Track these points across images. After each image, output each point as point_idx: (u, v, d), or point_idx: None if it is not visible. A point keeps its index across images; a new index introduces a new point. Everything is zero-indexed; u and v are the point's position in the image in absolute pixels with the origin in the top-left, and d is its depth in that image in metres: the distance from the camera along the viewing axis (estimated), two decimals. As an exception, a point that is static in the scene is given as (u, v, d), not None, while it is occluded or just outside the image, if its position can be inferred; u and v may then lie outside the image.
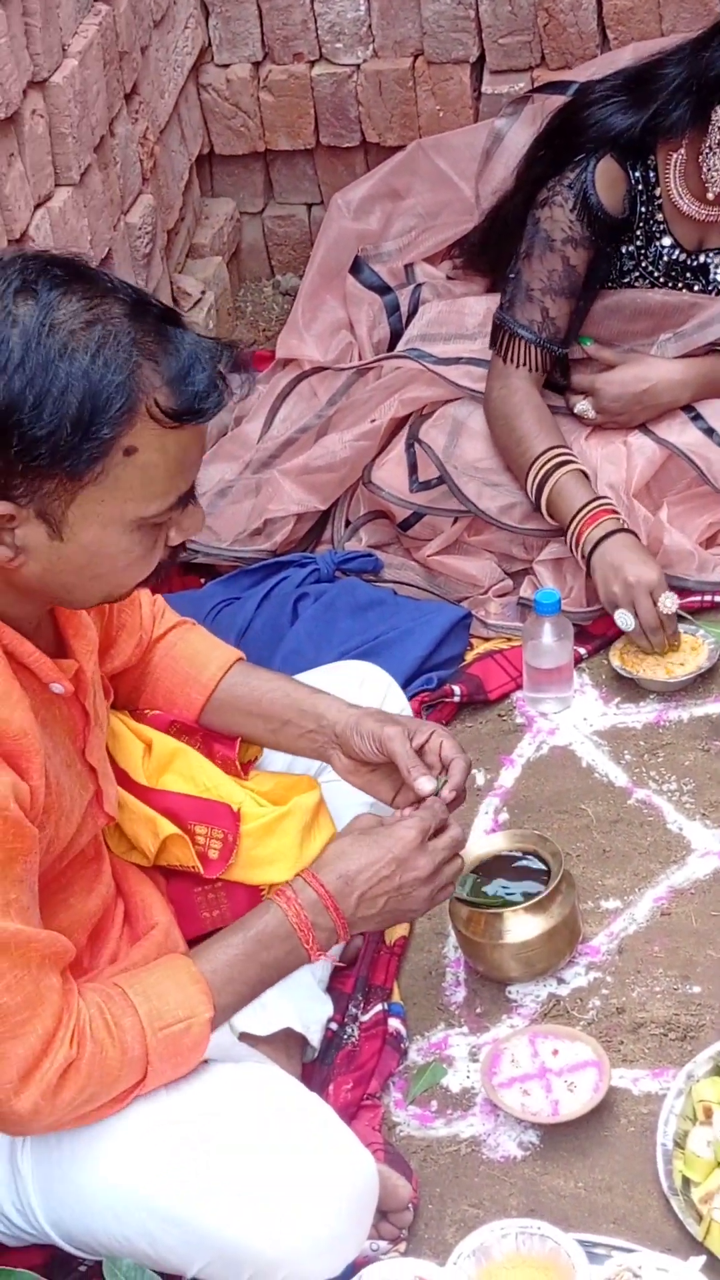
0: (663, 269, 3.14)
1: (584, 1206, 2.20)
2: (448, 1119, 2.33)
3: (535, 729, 2.91)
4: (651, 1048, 2.37)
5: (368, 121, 3.85)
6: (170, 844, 2.19)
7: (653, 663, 2.93)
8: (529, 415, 3.05)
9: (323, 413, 3.33)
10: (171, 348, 1.72)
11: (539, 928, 2.41)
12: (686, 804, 2.72)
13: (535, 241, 3.08)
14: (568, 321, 3.10)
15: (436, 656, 2.97)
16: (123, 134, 3.32)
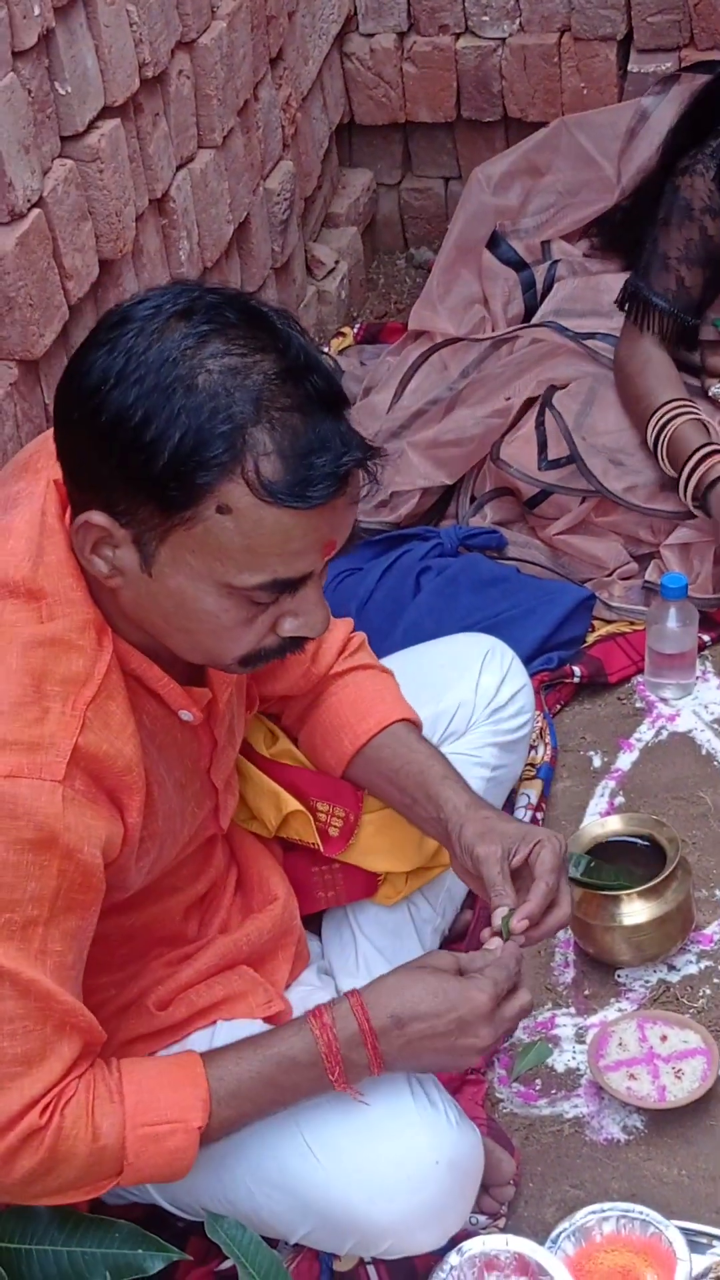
0: None
1: (686, 1194, 2.18)
2: (552, 1099, 2.31)
3: (655, 714, 2.88)
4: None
5: (510, 96, 3.82)
6: (292, 819, 2.16)
7: None
8: (654, 371, 3.05)
9: (454, 385, 3.32)
10: (305, 424, 1.61)
11: (652, 913, 2.39)
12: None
13: (674, 209, 3.06)
14: (702, 291, 3.07)
15: (558, 636, 2.94)
16: (266, 99, 3.32)
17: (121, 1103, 1.75)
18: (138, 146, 2.74)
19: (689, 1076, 2.26)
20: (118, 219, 2.63)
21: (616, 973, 2.46)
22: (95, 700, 1.71)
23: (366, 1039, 1.83)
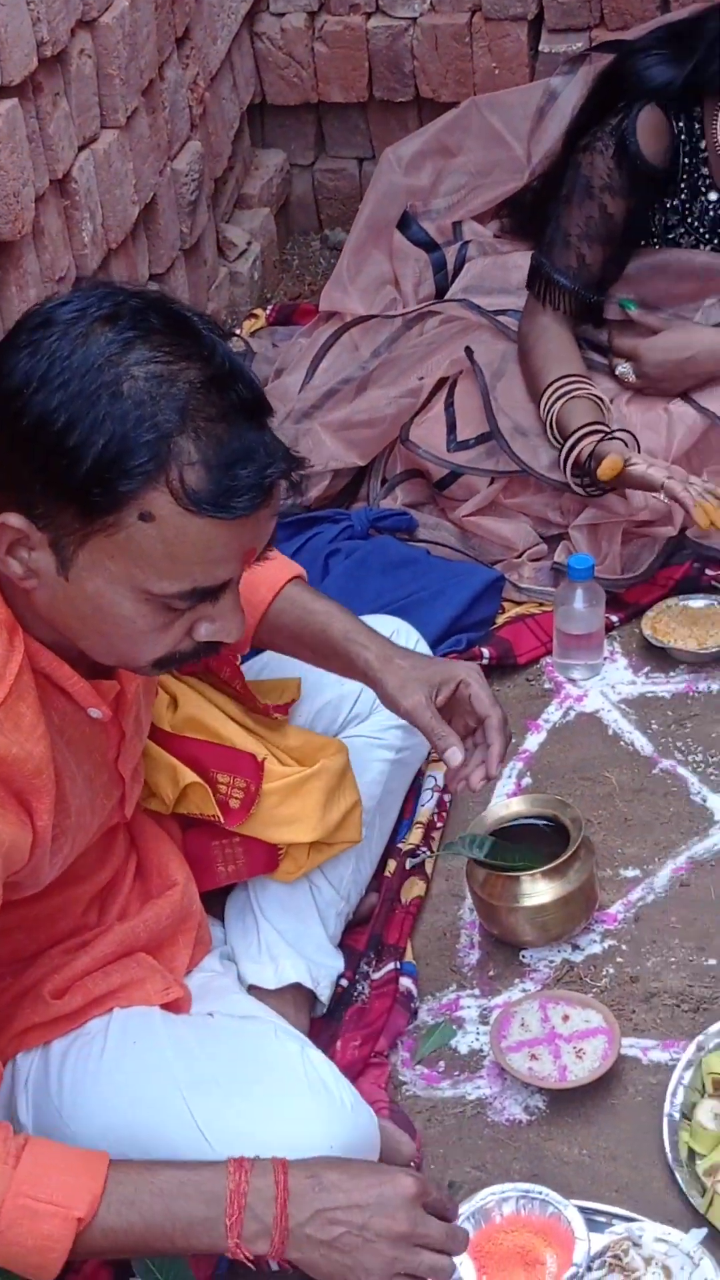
0: (708, 225, 3.10)
1: (587, 1174, 2.18)
2: (454, 1080, 2.31)
3: (563, 695, 2.88)
4: (663, 1018, 2.35)
5: (422, 76, 3.81)
6: (190, 792, 2.16)
7: (684, 633, 2.89)
8: (549, 346, 3.07)
9: (366, 365, 3.31)
10: (228, 434, 1.61)
11: (555, 892, 2.39)
12: (712, 776, 2.69)
13: (575, 187, 3.07)
14: (603, 268, 3.09)
15: (467, 618, 2.94)
16: (172, 79, 3.29)
17: (14, 1167, 1.68)
18: (37, 126, 2.72)
19: (590, 1056, 2.27)
20: (15, 200, 2.60)
21: (521, 953, 2.46)
22: (5, 702, 1.70)
23: (280, 1194, 1.73)
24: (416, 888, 2.54)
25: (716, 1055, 2.23)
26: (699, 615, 2.93)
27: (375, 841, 2.48)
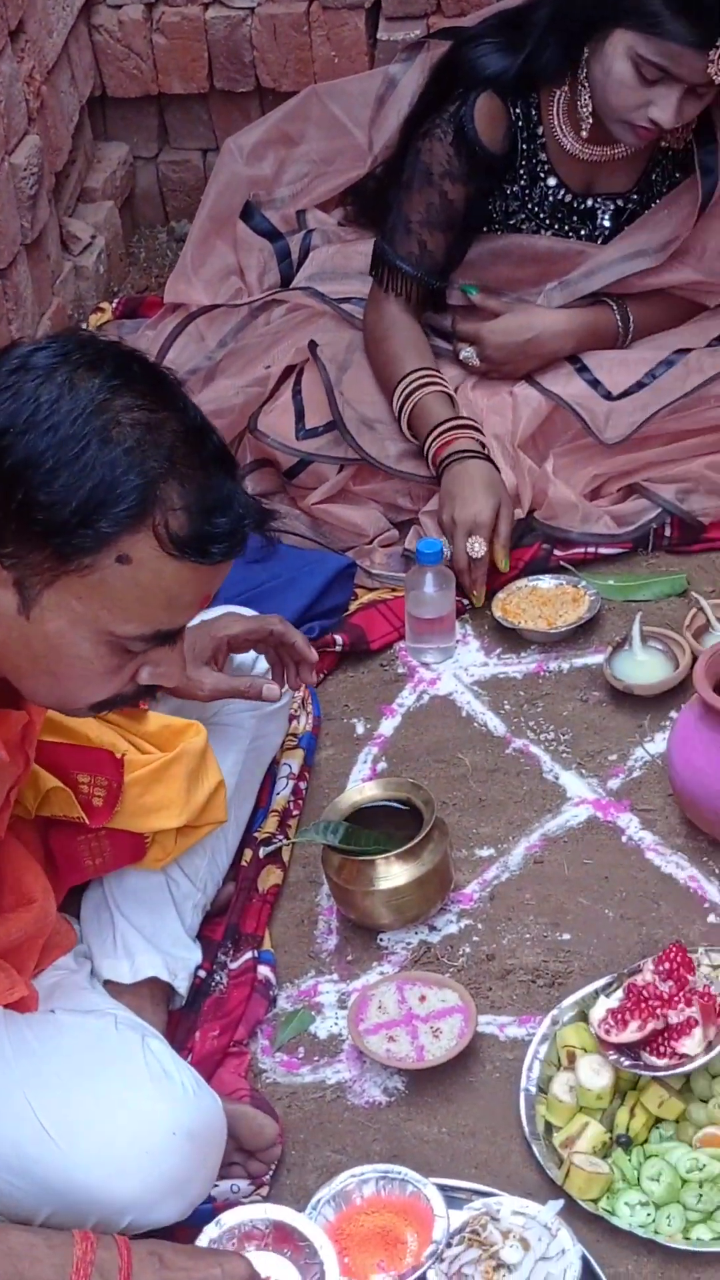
0: (548, 210, 3.13)
1: (446, 1152, 2.20)
2: (314, 1066, 2.32)
3: (416, 679, 2.90)
4: (519, 994, 2.38)
5: (262, 66, 3.80)
6: (51, 796, 2.15)
7: (534, 614, 2.92)
8: (399, 337, 3.08)
9: (212, 355, 3.30)
10: (209, 483, 1.67)
11: (410, 875, 2.41)
12: (563, 753, 2.73)
13: (415, 174, 3.09)
14: (445, 256, 3.11)
15: (319, 605, 2.95)
16: (7, 72, 3.26)
17: None
18: None
19: (447, 1035, 2.29)
20: None
21: (378, 937, 2.47)
22: None
23: (123, 1269, 1.78)
24: (274, 876, 2.54)
25: (571, 1028, 2.26)
26: (549, 596, 2.96)
27: (231, 832, 2.48)
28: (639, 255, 3.12)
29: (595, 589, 2.94)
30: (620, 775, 2.68)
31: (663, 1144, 2.14)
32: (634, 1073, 2.17)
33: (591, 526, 3.05)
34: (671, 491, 3.05)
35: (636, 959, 2.31)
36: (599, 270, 3.11)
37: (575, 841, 2.59)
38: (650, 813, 2.61)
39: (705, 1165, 2.10)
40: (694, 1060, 2.14)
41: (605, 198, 3.13)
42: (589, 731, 2.76)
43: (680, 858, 2.54)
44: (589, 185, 3.13)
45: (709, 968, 2.28)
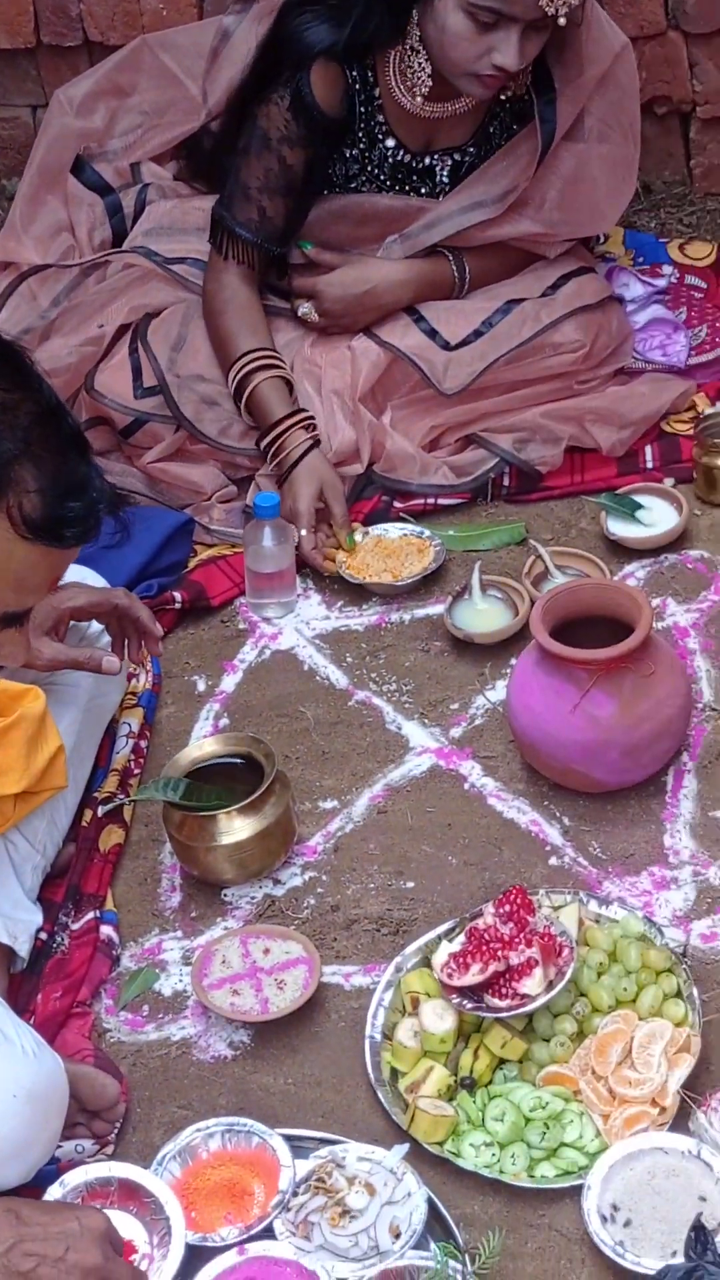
0: (388, 172, 3.12)
1: (292, 1102, 2.20)
2: (159, 1023, 2.31)
3: (258, 634, 2.88)
4: (364, 944, 2.38)
5: (90, 20, 3.74)
6: None
7: (380, 567, 2.92)
8: (235, 313, 3.04)
9: (46, 314, 3.24)
10: (64, 465, 1.67)
11: (252, 829, 2.40)
12: (406, 704, 2.73)
13: (253, 140, 3.04)
14: (285, 221, 3.07)
15: (157, 563, 2.92)
16: None
17: None
18: None
19: (291, 986, 2.28)
20: None
21: (222, 892, 2.46)
22: None
23: None
24: (115, 835, 2.52)
25: (415, 974, 2.27)
26: (394, 547, 2.95)
27: (70, 792, 2.45)
28: (477, 207, 3.12)
29: (440, 540, 2.94)
30: (462, 723, 2.69)
31: (506, 1084, 2.16)
32: (476, 1015, 2.18)
33: (430, 478, 3.05)
34: (509, 441, 3.06)
35: (480, 904, 2.32)
36: (438, 222, 3.10)
37: (418, 790, 2.59)
38: (492, 760, 2.62)
39: (548, 1104, 2.12)
40: (535, 1000, 2.16)
41: (443, 153, 3.12)
42: (431, 681, 2.76)
43: (522, 803, 2.55)
44: (428, 143, 3.11)
45: (550, 909, 2.30)
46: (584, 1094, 2.13)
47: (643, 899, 2.39)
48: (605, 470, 3.06)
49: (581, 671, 2.45)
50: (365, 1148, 2.09)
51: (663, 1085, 2.11)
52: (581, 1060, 2.16)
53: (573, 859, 2.46)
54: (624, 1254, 1.97)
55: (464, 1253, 1.97)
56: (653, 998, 2.20)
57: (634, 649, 2.43)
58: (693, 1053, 2.14)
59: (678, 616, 2.79)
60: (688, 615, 2.79)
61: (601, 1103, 2.12)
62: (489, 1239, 1.98)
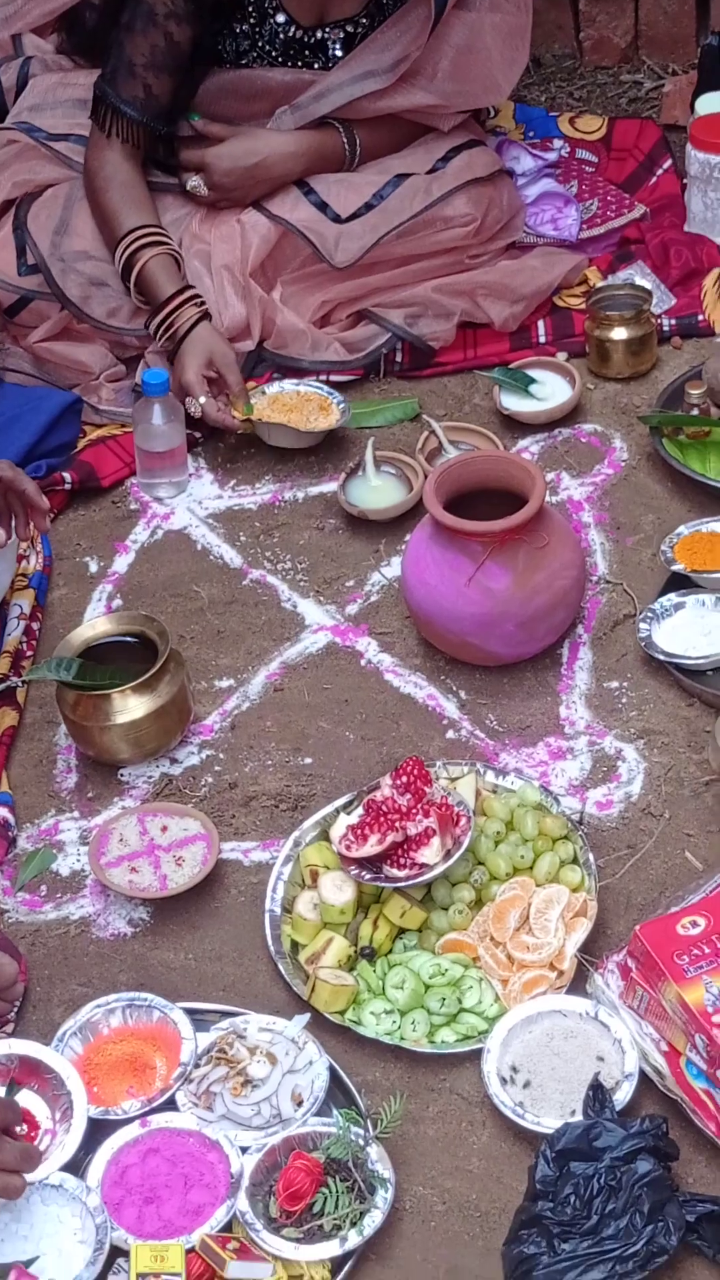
0: (279, 48, 3.04)
1: (193, 977, 2.20)
2: (57, 903, 2.30)
3: (150, 514, 2.85)
4: (263, 819, 2.38)
5: None
6: None
7: (280, 419, 2.86)
8: (118, 190, 2.96)
9: None
10: None
11: (146, 707, 2.38)
12: (301, 582, 2.71)
13: (137, 15, 2.95)
14: (171, 99, 2.99)
15: (45, 444, 2.86)
16: None
17: None
18: None
19: (190, 863, 2.28)
20: None
21: (119, 772, 2.45)
22: None
23: None
24: (8, 718, 2.49)
25: (313, 848, 2.27)
26: (294, 402, 2.89)
27: (-38, 675, 2.42)
28: (368, 76, 3.05)
29: (339, 397, 2.90)
30: (358, 600, 2.67)
31: (406, 953, 2.17)
32: (375, 886, 2.19)
33: (322, 354, 3.01)
34: (400, 316, 3.03)
35: (377, 778, 2.32)
36: (329, 93, 3.04)
37: (315, 668, 2.58)
38: (388, 635, 2.61)
39: (447, 970, 2.13)
40: (433, 869, 2.17)
41: (335, 26, 3.05)
42: (326, 559, 2.75)
43: (419, 677, 2.55)
44: (320, 16, 3.04)
45: (447, 780, 2.31)
46: (483, 960, 2.15)
47: (539, 769, 2.40)
48: (498, 345, 3.04)
49: (475, 544, 2.44)
50: (266, 1018, 2.10)
51: (560, 949, 2.13)
52: (480, 927, 2.18)
53: (470, 731, 2.46)
54: (524, 1115, 2.00)
55: (366, 1118, 1.99)
56: (549, 864, 2.21)
57: (527, 521, 2.42)
58: (589, 917, 2.16)
59: (572, 490, 2.79)
60: (581, 489, 2.79)
61: (500, 968, 2.14)
62: (390, 1104, 2.00)
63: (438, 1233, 1.95)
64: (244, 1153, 1.97)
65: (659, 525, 2.69)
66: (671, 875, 2.24)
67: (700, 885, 2.17)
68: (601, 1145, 1.91)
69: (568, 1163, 1.91)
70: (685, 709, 2.45)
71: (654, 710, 2.45)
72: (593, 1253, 1.85)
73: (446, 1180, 1.99)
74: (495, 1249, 1.91)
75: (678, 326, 3.03)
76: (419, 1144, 2.02)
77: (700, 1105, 1.98)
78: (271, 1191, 1.94)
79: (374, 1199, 1.93)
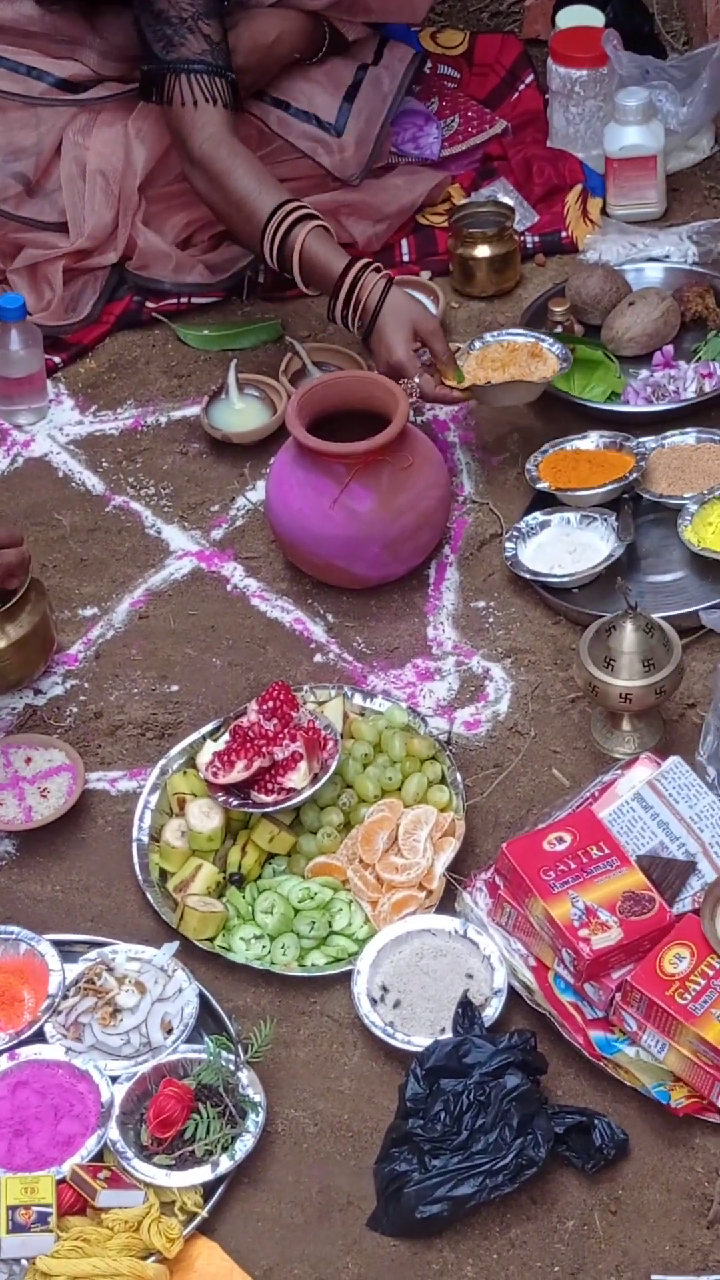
0: None
1: (61, 908, 2.18)
2: None
3: (9, 442, 2.79)
4: (129, 749, 2.35)
5: None
6: None
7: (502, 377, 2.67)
8: (243, 171, 2.73)
9: None
10: None
11: (7, 639, 2.35)
12: (165, 508, 2.68)
13: None
14: (225, 40, 2.81)
15: None
16: None
17: None
18: None
19: (55, 794, 2.26)
20: None
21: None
22: None
23: None
24: None
25: (180, 776, 2.25)
26: (505, 358, 2.72)
27: None
28: None
29: (549, 339, 2.72)
30: (223, 525, 2.65)
31: (275, 878, 2.17)
32: (243, 811, 2.18)
33: (185, 276, 2.96)
34: (265, 237, 2.97)
35: (244, 704, 2.30)
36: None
37: (180, 594, 2.56)
38: (254, 560, 2.59)
39: (316, 894, 2.13)
40: (300, 794, 2.16)
41: None
42: (190, 484, 2.71)
43: (286, 602, 2.53)
44: None
45: (314, 704, 2.29)
46: (352, 882, 2.15)
47: (407, 690, 2.39)
48: (362, 265, 3.00)
49: (339, 466, 2.42)
50: (135, 948, 2.09)
51: (428, 869, 2.14)
52: (349, 850, 2.18)
53: (337, 655, 2.45)
54: (394, 1034, 2.00)
55: (236, 1044, 1.99)
56: (417, 785, 2.21)
57: (390, 442, 2.41)
58: (457, 836, 2.17)
59: (437, 410, 2.76)
60: (447, 408, 2.77)
61: (369, 890, 2.14)
62: (260, 1029, 2.00)
63: (310, 1154, 1.95)
64: (114, 1082, 1.96)
65: (524, 444, 2.68)
66: (539, 792, 2.25)
67: (566, 801, 2.18)
68: (471, 1061, 1.93)
69: (437, 1080, 1.92)
70: (551, 627, 2.45)
71: (521, 629, 2.45)
72: (463, 1167, 1.86)
73: (318, 1102, 1.99)
74: (367, 1168, 1.92)
75: (541, 243, 3.01)
76: (290, 1067, 2.02)
77: (568, 1018, 1.99)
78: (142, 1120, 1.94)
79: (245, 1123, 1.93)
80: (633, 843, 2.09)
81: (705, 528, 2.47)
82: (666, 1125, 1.94)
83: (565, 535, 2.52)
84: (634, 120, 2.97)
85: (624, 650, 2.21)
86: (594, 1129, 1.90)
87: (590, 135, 3.11)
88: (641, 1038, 1.95)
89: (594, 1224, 1.87)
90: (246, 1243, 1.88)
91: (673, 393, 2.69)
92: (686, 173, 3.11)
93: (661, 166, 3.01)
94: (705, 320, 2.80)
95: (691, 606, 2.39)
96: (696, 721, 2.28)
